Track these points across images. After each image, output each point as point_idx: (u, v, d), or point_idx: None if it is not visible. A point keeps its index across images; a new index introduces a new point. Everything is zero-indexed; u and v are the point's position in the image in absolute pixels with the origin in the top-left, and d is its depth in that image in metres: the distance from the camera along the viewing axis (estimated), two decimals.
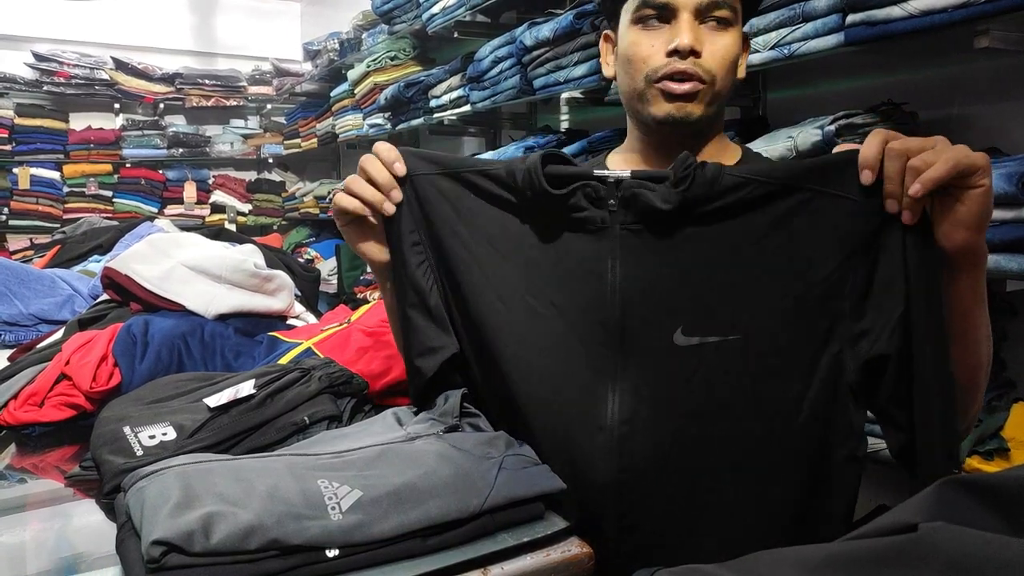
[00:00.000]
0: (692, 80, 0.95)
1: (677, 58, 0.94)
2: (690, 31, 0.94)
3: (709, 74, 0.96)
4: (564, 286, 0.88)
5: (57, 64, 4.86)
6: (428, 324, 0.92)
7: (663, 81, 0.96)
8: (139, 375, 1.13)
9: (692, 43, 0.94)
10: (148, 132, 5.14)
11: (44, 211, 4.82)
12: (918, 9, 1.35)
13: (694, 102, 0.96)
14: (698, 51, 0.94)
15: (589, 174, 0.86)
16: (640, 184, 0.83)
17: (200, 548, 0.60)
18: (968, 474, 0.40)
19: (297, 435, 0.91)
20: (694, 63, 0.95)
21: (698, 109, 0.97)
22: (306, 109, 4.92)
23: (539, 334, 0.89)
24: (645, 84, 0.98)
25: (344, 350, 1.20)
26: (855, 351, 0.81)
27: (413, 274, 0.91)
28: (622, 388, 0.85)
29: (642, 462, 0.84)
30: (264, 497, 0.66)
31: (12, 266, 1.73)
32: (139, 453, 0.86)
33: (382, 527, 0.66)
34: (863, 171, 0.77)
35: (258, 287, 1.42)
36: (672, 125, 0.98)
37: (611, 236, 0.85)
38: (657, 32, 0.97)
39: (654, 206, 0.82)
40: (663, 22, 0.97)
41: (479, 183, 0.90)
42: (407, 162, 0.91)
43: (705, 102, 0.97)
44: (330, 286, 4.16)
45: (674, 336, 0.84)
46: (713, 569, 0.40)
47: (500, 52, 2.59)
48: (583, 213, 0.86)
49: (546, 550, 0.72)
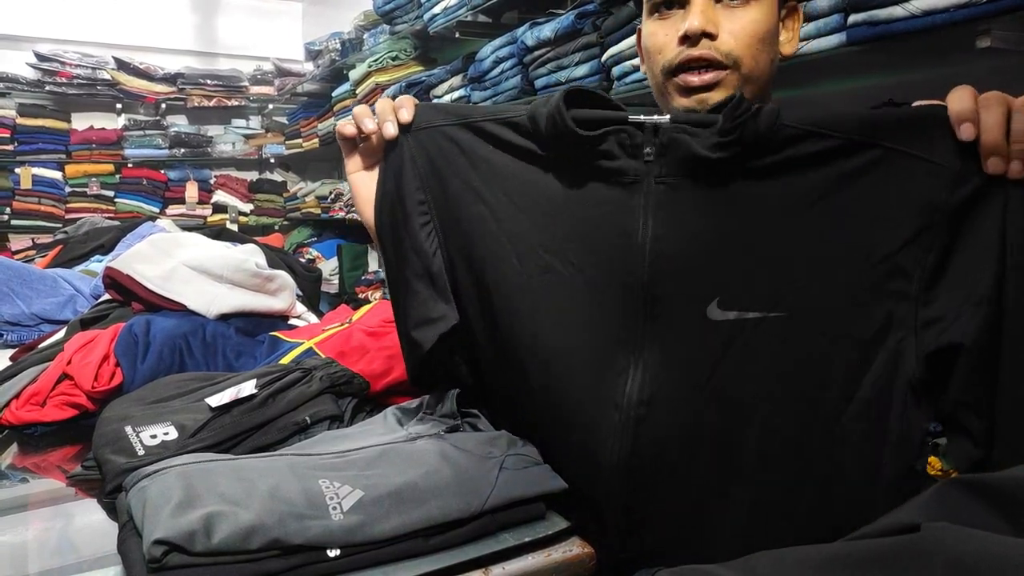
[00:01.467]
0: (711, 69, 0.85)
1: (689, 44, 0.85)
2: (701, 12, 0.84)
3: (730, 57, 0.85)
4: (587, 243, 0.78)
5: (59, 64, 4.86)
6: (429, 291, 0.85)
7: (680, 74, 0.87)
8: (141, 375, 1.13)
9: (702, 25, 0.84)
10: (150, 132, 5.14)
11: (46, 211, 4.82)
12: (920, 9, 1.35)
13: (717, 90, 0.86)
14: (712, 33, 0.85)
15: (623, 118, 0.76)
16: (682, 130, 0.74)
17: (202, 548, 0.61)
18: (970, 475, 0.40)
19: (298, 435, 0.91)
20: (710, 47, 0.85)
21: (720, 95, 0.85)
22: (308, 109, 4.93)
23: (556, 295, 0.80)
24: (663, 77, 0.89)
25: (345, 350, 1.20)
26: (921, 340, 0.68)
27: (416, 236, 0.84)
28: (644, 363, 0.75)
29: (658, 449, 0.75)
30: (265, 497, 0.66)
31: (14, 266, 1.73)
32: (140, 453, 0.86)
33: (383, 527, 0.67)
34: (962, 124, 0.65)
35: (260, 287, 1.42)
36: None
37: (645, 189, 0.75)
38: (672, 19, 0.88)
39: (697, 154, 0.72)
40: (678, 7, 0.88)
41: (497, 132, 0.83)
42: (419, 113, 0.85)
43: (733, 89, 0.85)
44: (331, 286, 4.17)
45: (708, 309, 0.73)
46: (715, 569, 0.40)
47: (501, 52, 2.59)
48: (615, 162, 0.76)
49: (547, 550, 0.72)
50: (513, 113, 0.83)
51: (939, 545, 0.33)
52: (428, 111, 0.85)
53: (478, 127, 0.83)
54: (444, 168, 0.84)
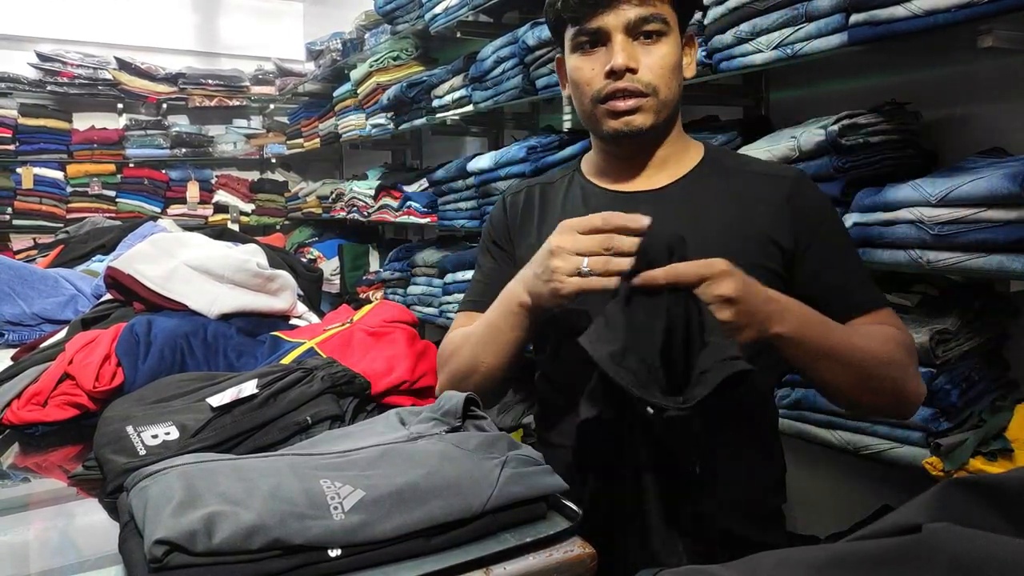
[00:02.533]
0: (633, 96, 1.04)
1: (615, 78, 1.03)
2: (623, 51, 1.02)
3: (649, 86, 1.04)
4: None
5: (60, 64, 4.86)
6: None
7: (608, 101, 1.05)
8: (142, 375, 1.13)
9: (625, 62, 1.02)
10: (151, 132, 5.14)
11: (47, 211, 4.82)
12: (921, 9, 1.35)
13: (639, 114, 1.04)
14: (634, 68, 1.03)
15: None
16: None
17: (203, 548, 0.61)
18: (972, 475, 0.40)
19: (299, 435, 0.92)
20: (632, 79, 1.03)
21: (646, 120, 1.05)
22: (309, 109, 4.92)
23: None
24: (592, 105, 1.07)
25: (347, 350, 1.20)
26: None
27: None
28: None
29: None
30: (267, 497, 0.66)
31: (15, 266, 1.73)
32: (142, 453, 0.86)
33: (384, 527, 0.67)
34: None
35: (261, 287, 1.42)
36: (624, 137, 1.06)
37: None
38: (595, 56, 1.06)
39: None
40: (600, 45, 1.05)
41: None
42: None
43: (652, 112, 1.05)
44: (333, 286, 4.16)
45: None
46: (717, 570, 0.40)
47: (503, 52, 2.59)
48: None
49: (548, 550, 0.72)
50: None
51: (941, 546, 0.33)
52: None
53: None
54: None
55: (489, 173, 2.64)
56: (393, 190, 3.54)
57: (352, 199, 3.98)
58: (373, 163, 4.36)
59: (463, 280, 2.84)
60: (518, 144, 2.60)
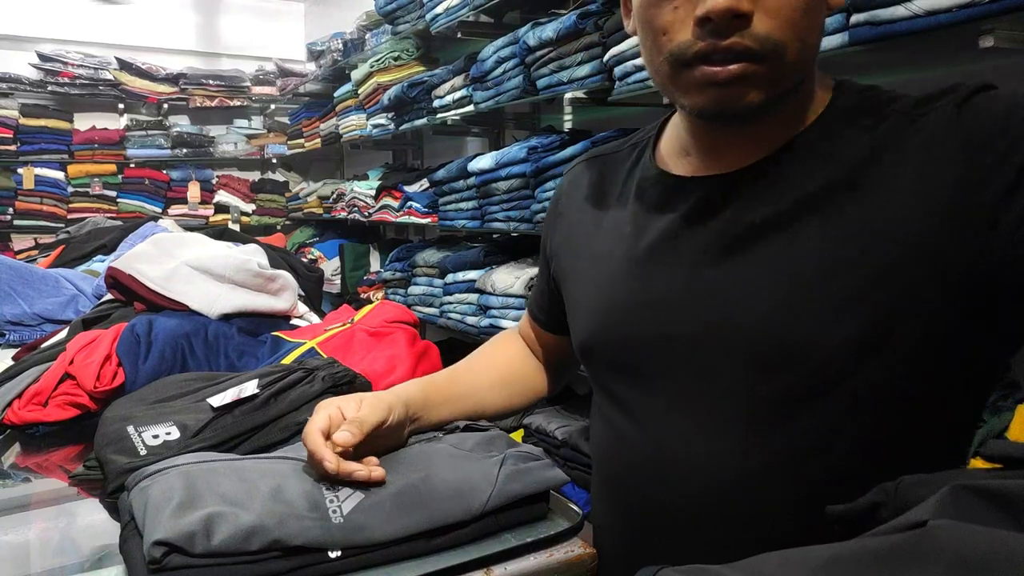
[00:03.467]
0: (741, 60, 0.64)
1: (711, 30, 0.64)
2: None
3: (769, 43, 0.63)
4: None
5: (61, 64, 4.86)
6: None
7: (698, 64, 0.66)
8: (143, 375, 1.13)
9: (731, 2, 0.62)
10: (152, 132, 5.14)
11: (48, 211, 4.83)
12: (923, 9, 1.35)
13: (749, 86, 0.66)
14: (744, 11, 0.62)
15: None
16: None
17: (202, 549, 0.60)
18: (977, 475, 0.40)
19: (300, 435, 0.91)
20: (742, 34, 0.63)
21: (758, 95, 0.66)
22: (310, 109, 4.92)
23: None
24: (671, 67, 0.68)
25: (347, 350, 1.20)
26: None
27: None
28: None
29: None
30: (267, 498, 0.66)
31: (16, 266, 1.73)
32: (143, 453, 0.86)
33: (384, 530, 0.66)
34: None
35: (262, 287, 1.42)
36: (718, 119, 0.70)
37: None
38: None
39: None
40: None
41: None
42: None
43: (770, 82, 0.66)
44: (333, 286, 4.17)
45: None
46: (720, 569, 0.40)
47: (503, 52, 2.59)
48: None
49: (549, 550, 0.71)
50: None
51: (944, 541, 0.33)
52: None
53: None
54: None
55: (490, 173, 2.65)
56: (394, 190, 3.54)
57: (353, 199, 3.98)
58: (374, 163, 4.36)
59: (464, 280, 2.84)
60: (519, 144, 2.60)
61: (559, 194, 0.97)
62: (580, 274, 0.88)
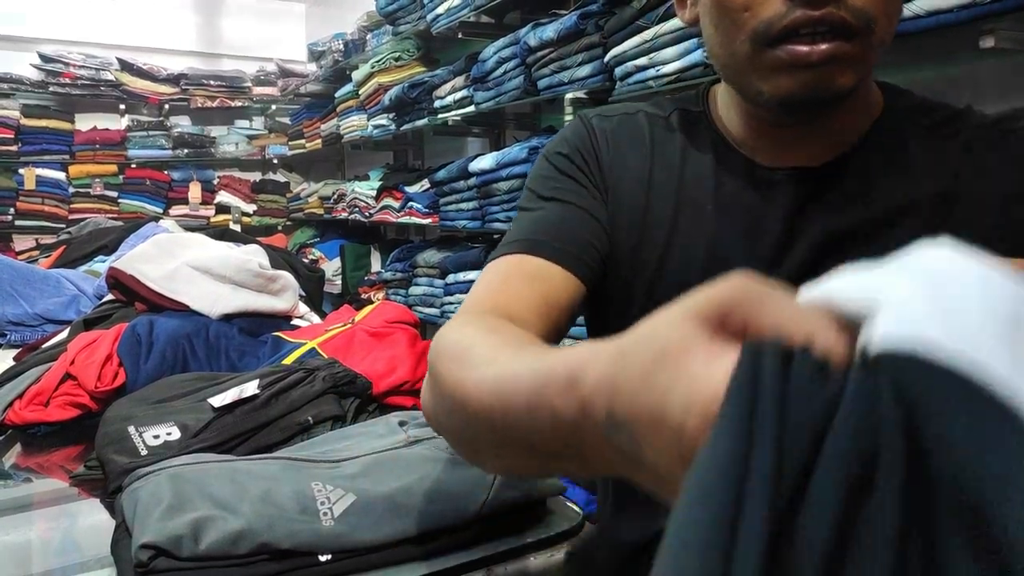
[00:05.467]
0: (835, 37, 0.59)
1: (804, 2, 0.58)
2: None
3: (863, 17, 0.59)
4: None
5: (63, 65, 4.87)
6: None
7: (785, 42, 0.60)
8: (144, 375, 1.13)
9: None
10: (153, 133, 5.15)
11: (50, 211, 4.83)
12: (924, 9, 1.35)
13: (841, 67, 0.60)
14: None
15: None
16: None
17: (189, 553, 0.60)
18: None
19: (301, 435, 0.92)
20: (837, 4, 0.58)
21: (849, 78, 0.61)
22: (311, 110, 4.93)
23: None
24: (753, 47, 0.62)
25: (348, 350, 1.20)
26: None
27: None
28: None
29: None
30: (256, 501, 0.66)
31: (18, 266, 1.74)
32: (143, 453, 0.86)
33: (375, 533, 0.66)
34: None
35: (263, 287, 1.42)
36: (800, 106, 0.64)
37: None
38: None
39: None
40: None
41: None
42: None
43: (861, 62, 0.61)
44: (334, 286, 4.17)
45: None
46: None
47: (504, 53, 2.59)
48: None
49: (549, 550, 0.71)
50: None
51: None
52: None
53: None
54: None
55: (491, 174, 2.65)
56: (395, 191, 3.54)
57: (354, 200, 3.98)
58: (375, 164, 4.36)
59: (464, 280, 2.84)
60: (520, 145, 2.60)
61: (587, 135, 0.78)
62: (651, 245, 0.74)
